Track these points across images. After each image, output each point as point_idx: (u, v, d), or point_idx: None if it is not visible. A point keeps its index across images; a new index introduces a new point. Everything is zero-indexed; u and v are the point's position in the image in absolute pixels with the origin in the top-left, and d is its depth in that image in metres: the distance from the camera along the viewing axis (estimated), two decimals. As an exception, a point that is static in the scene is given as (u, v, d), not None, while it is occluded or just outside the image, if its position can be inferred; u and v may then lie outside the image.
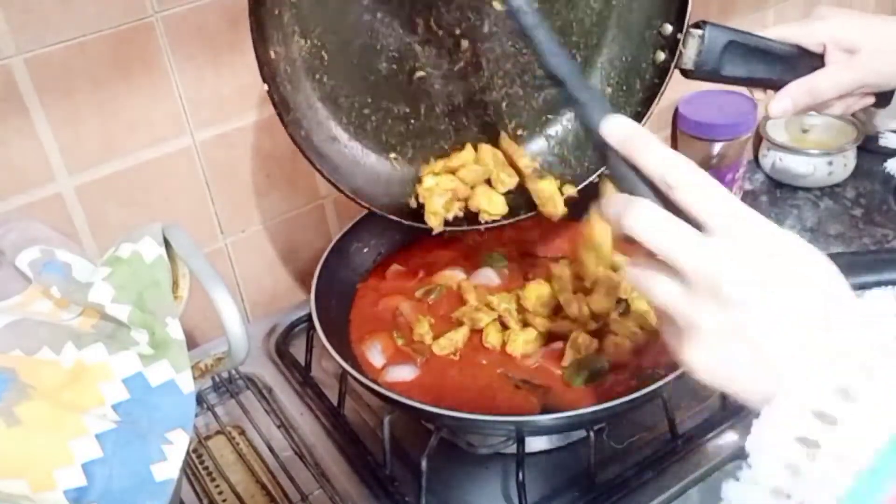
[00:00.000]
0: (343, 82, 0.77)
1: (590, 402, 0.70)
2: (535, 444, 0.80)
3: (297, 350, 0.95)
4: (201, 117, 0.88)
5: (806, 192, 1.25)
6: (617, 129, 0.50)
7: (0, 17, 0.73)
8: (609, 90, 0.82)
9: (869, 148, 1.28)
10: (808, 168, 1.23)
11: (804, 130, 1.29)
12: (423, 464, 0.73)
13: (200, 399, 0.89)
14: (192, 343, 0.92)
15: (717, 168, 1.13)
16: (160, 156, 0.87)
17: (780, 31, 0.78)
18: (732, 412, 0.82)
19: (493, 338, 0.83)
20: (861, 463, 0.39)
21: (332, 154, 0.78)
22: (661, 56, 0.77)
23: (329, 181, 0.75)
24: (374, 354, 0.83)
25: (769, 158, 1.27)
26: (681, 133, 1.16)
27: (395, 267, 0.94)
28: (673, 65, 0.76)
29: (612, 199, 0.50)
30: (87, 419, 0.50)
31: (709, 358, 0.46)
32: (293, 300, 1.03)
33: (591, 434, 0.74)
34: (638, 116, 0.80)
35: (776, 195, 1.25)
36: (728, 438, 0.81)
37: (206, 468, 0.82)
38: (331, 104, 0.77)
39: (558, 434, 0.81)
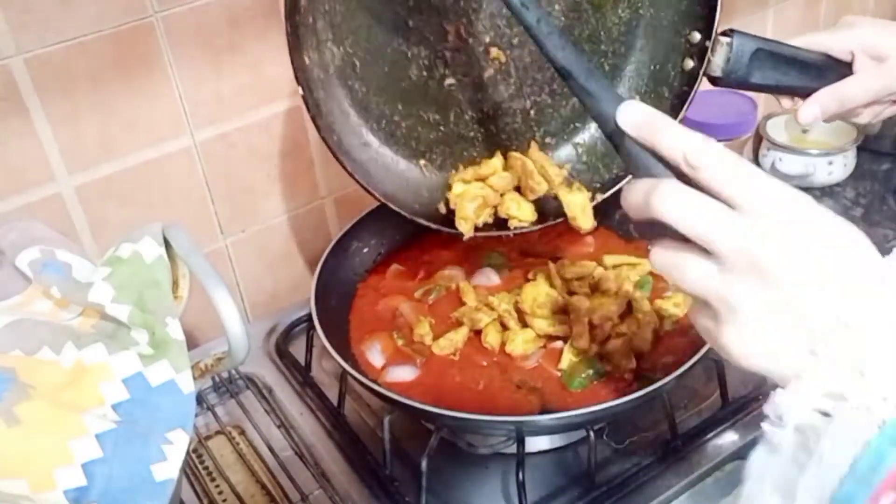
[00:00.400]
0: (375, 89, 0.78)
1: (589, 403, 0.70)
2: (535, 444, 0.80)
3: (297, 350, 0.95)
4: (201, 117, 0.88)
5: (806, 192, 1.24)
6: (632, 115, 0.49)
7: (0, 17, 0.73)
8: (637, 98, 0.83)
9: (869, 148, 1.28)
10: (808, 168, 1.23)
11: (804, 130, 1.29)
12: (423, 464, 0.73)
13: (200, 399, 0.89)
14: (192, 343, 0.92)
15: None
16: (160, 156, 0.87)
17: (808, 39, 0.78)
18: (732, 412, 0.82)
19: (492, 338, 0.82)
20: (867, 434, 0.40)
21: (364, 159, 0.79)
22: (690, 64, 0.77)
23: (361, 185, 0.76)
24: (374, 354, 0.83)
25: (769, 158, 1.26)
26: (681, 133, 1.16)
27: (395, 267, 0.94)
28: (702, 72, 0.76)
29: (633, 184, 0.48)
30: (87, 419, 0.50)
31: (747, 339, 0.45)
32: (293, 300, 1.03)
33: (591, 434, 0.74)
34: None
35: (776, 195, 1.25)
36: (728, 438, 0.80)
37: (206, 468, 0.82)
38: (362, 110, 0.79)
39: (558, 434, 0.81)
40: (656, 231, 0.49)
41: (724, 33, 0.75)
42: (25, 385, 0.50)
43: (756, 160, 1.31)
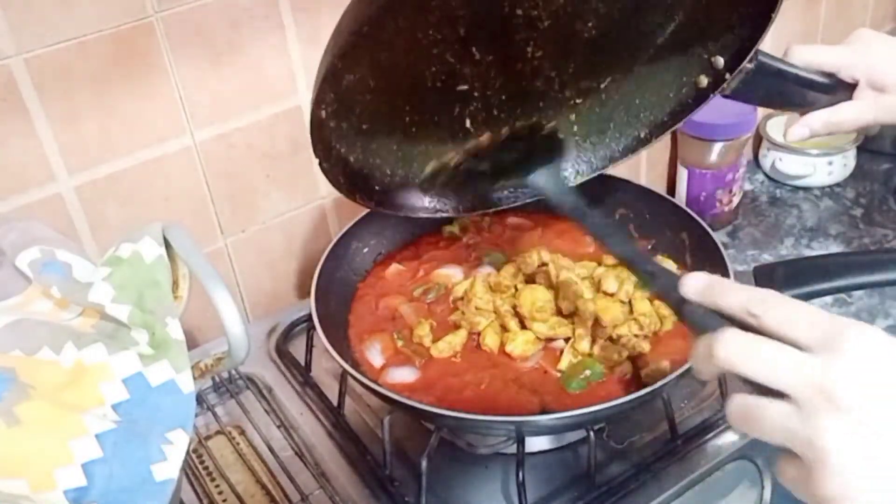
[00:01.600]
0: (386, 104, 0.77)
1: (589, 403, 0.70)
2: (535, 444, 0.80)
3: (297, 350, 0.95)
4: (201, 117, 0.88)
5: (806, 192, 1.25)
6: (695, 283, 0.52)
7: (0, 17, 0.73)
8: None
9: (869, 148, 1.28)
10: (808, 168, 1.23)
11: (804, 130, 1.29)
12: (423, 464, 0.73)
13: (200, 399, 0.88)
14: (192, 343, 0.92)
15: (717, 168, 1.13)
16: (160, 156, 0.87)
17: (821, 55, 0.78)
18: (732, 412, 0.82)
19: (490, 340, 0.82)
20: None
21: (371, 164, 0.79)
22: (704, 81, 0.75)
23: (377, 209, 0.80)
24: (374, 355, 0.83)
25: (769, 158, 1.27)
26: (681, 133, 1.16)
27: (394, 267, 0.94)
28: (713, 94, 0.74)
29: (695, 348, 0.49)
30: (87, 419, 0.50)
31: (846, 483, 0.42)
32: (293, 300, 1.03)
33: (591, 434, 0.74)
34: (663, 126, 0.79)
35: (776, 195, 1.25)
36: (728, 438, 0.80)
37: (206, 468, 0.82)
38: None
39: (558, 434, 0.81)
40: (672, 300, 0.54)
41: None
42: (25, 385, 0.50)
43: (756, 160, 1.31)
